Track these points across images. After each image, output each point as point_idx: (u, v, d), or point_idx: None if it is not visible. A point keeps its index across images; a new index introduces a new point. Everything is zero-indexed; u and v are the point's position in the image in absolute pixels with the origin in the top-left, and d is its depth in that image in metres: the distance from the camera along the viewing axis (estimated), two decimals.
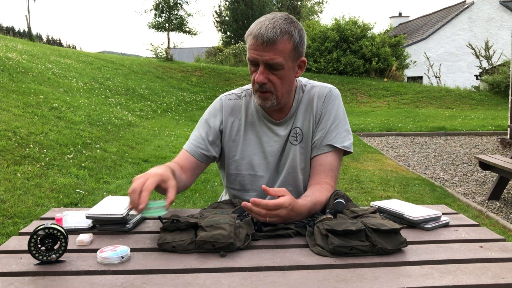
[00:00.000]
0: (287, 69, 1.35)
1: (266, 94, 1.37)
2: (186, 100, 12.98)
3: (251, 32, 1.32)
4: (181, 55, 28.83)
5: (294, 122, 1.48)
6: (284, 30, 1.30)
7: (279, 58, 1.31)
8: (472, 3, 21.08)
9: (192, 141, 1.49)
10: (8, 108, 5.83)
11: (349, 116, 13.00)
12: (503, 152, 7.33)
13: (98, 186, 4.55)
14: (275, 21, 1.31)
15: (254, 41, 1.30)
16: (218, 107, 1.52)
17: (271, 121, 1.47)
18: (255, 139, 1.48)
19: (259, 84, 1.34)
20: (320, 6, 33.22)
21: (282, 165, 1.49)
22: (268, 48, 1.29)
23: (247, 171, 1.49)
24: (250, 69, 1.37)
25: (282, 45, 1.30)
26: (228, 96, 1.53)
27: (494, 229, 3.61)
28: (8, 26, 33.70)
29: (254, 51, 1.31)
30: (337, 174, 1.46)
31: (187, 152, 1.48)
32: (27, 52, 10.75)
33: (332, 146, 1.45)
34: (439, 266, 1.01)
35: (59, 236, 1.00)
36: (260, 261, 1.03)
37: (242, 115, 1.50)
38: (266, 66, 1.32)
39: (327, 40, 17.77)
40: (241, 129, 1.49)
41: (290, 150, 1.47)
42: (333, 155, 1.45)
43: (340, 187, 5.06)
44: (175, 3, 19.30)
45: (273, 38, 1.28)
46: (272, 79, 1.34)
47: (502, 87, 14.42)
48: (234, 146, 1.50)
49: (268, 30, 1.28)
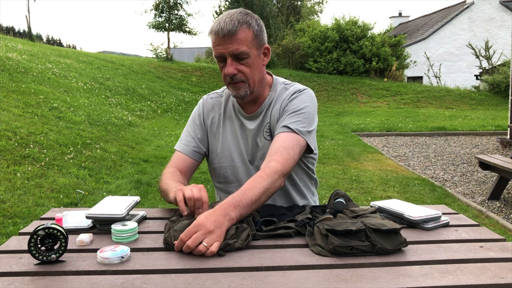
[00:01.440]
0: (253, 57, 1.41)
1: (238, 84, 1.42)
2: (186, 100, 12.98)
3: (211, 30, 1.39)
4: (181, 55, 28.83)
5: (265, 118, 1.52)
6: (241, 20, 1.38)
7: (243, 47, 1.38)
8: (472, 3, 21.07)
9: (183, 141, 1.60)
10: (8, 108, 5.83)
11: (349, 116, 13.02)
12: (503, 152, 7.33)
13: (98, 186, 4.56)
14: (231, 15, 1.39)
15: (216, 37, 1.37)
16: (200, 105, 1.63)
17: (243, 115, 1.54)
18: (232, 131, 1.55)
19: (230, 76, 1.41)
20: (320, 6, 33.20)
21: (255, 158, 1.53)
22: (230, 39, 1.36)
23: (228, 163, 1.55)
24: (219, 65, 1.44)
25: (243, 34, 1.38)
26: (210, 95, 1.65)
27: (494, 229, 3.60)
28: (8, 26, 33.74)
29: (218, 46, 1.38)
30: (291, 153, 1.36)
31: (181, 152, 1.58)
32: (27, 52, 10.75)
33: (286, 127, 1.42)
34: (439, 266, 1.01)
35: (59, 236, 1.00)
36: (260, 261, 1.03)
37: (221, 111, 1.58)
38: (233, 57, 1.39)
39: (327, 40, 17.77)
40: (220, 124, 1.57)
41: (265, 145, 1.50)
42: (286, 135, 1.40)
43: (340, 187, 5.06)
44: (175, 3, 19.31)
45: (232, 29, 1.36)
46: (241, 69, 1.40)
47: (502, 87, 14.41)
48: (215, 141, 1.58)
49: (226, 24, 1.36)
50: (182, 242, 1.06)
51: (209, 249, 1.04)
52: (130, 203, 1.29)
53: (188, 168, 1.57)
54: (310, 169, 1.58)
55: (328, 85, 16.10)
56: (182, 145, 1.60)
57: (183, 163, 1.56)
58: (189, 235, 1.06)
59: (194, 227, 1.08)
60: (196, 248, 1.04)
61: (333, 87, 16.00)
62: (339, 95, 15.39)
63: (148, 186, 4.66)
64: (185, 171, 1.55)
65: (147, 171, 5.24)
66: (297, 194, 1.56)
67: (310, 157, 1.55)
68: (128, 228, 1.14)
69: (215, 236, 1.07)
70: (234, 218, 1.14)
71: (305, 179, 1.58)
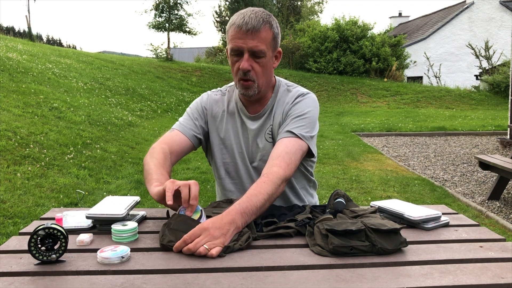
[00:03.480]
0: (268, 57, 1.42)
1: (249, 82, 1.42)
2: (186, 100, 12.98)
3: (234, 22, 1.38)
4: (181, 55, 28.82)
5: (268, 120, 1.52)
6: (265, 19, 1.39)
7: (262, 46, 1.38)
8: (472, 3, 21.07)
9: (184, 123, 1.56)
10: (8, 108, 5.83)
11: (349, 116, 13.02)
12: (503, 152, 7.32)
13: (98, 186, 4.56)
14: (255, 12, 1.39)
15: (238, 30, 1.36)
16: (204, 97, 1.62)
17: (246, 114, 1.54)
18: (234, 129, 1.55)
19: (244, 71, 1.40)
20: (320, 6, 33.19)
21: (254, 158, 1.53)
22: (253, 35, 1.36)
23: (230, 159, 1.55)
24: (232, 59, 1.43)
25: (265, 33, 1.38)
26: (214, 92, 1.65)
27: (494, 229, 3.61)
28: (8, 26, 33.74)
29: (238, 40, 1.37)
30: (293, 158, 1.37)
31: (179, 132, 1.54)
32: (27, 52, 10.75)
33: (290, 132, 1.43)
34: (439, 266, 1.01)
35: (59, 236, 1.00)
36: (260, 261, 1.03)
37: (224, 107, 1.58)
38: (250, 54, 1.38)
39: (327, 40, 17.77)
40: (223, 119, 1.57)
41: (265, 146, 1.50)
42: (289, 140, 1.41)
43: (340, 187, 5.06)
44: (175, 3, 19.30)
45: (257, 26, 1.36)
46: (255, 67, 1.41)
47: (502, 87, 14.41)
48: (218, 135, 1.57)
49: (251, 19, 1.36)
50: (184, 243, 1.06)
51: (209, 251, 1.04)
52: (130, 203, 1.29)
53: (181, 149, 1.52)
54: (308, 172, 1.59)
55: (328, 85, 16.10)
56: (182, 125, 1.56)
57: (178, 143, 1.51)
58: (192, 237, 1.06)
59: (199, 230, 1.07)
60: (197, 250, 1.04)
61: (333, 87, 16.00)
62: (339, 95, 15.40)
63: None
64: (177, 152, 1.51)
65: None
66: (295, 197, 1.56)
67: (310, 161, 1.56)
68: (128, 228, 1.14)
69: (218, 242, 1.06)
70: (240, 227, 1.14)
71: (304, 182, 1.59)
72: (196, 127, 1.56)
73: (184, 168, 5.56)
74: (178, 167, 5.54)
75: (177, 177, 5.00)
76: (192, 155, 6.04)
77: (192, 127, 1.55)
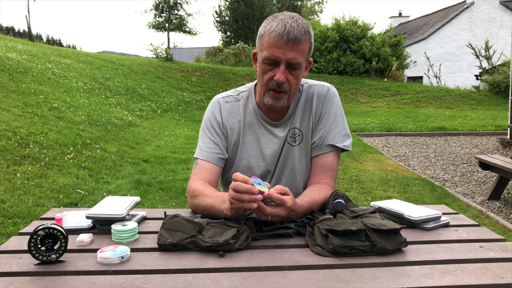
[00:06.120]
0: (302, 69, 1.34)
1: (281, 94, 1.34)
2: (186, 100, 12.98)
3: (272, 29, 1.28)
4: (181, 55, 28.82)
5: (292, 123, 1.46)
6: (306, 30, 1.29)
7: (300, 58, 1.30)
8: (472, 3, 21.07)
9: (206, 149, 1.44)
10: (8, 108, 5.83)
11: (349, 116, 13.01)
12: (503, 152, 7.32)
13: (98, 186, 4.55)
14: (296, 19, 1.29)
15: (278, 39, 1.26)
16: (217, 109, 1.48)
17: (269, 122, 1.45)
18: (254, 141, 1.46)
19: (279, 84, 1.31)
20: (320, 6, 33.23)
21: (281, 167, 1.47)
22: (292, 47, 1.27)
23: (245, 174, 1.48)
24: (265, 68, 1.32)
25: (304, 45, 1.30)
26: (225, 99, 1.50)
27: (494, 229, 3.60)
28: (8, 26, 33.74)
29: (277, 49, 1.27)
30: (336, 173, 1.47)
31: (205, 161, 1.43)
32: (27, 52, 10.75)
33: (332, 146, 1.45)
34: (439, 266, 1.01)
35: (59, 236, 1.00)
36: (260, 261, 1.03)
37: (240, 117, 1.46)
38: (287, 65, 1.29)
39: (327, 40, 17.76)
40: (240, 132, 1.46)
41: (289, 151, 1.46)
42: (333, 155, 1.46)
43: (340, 187, 5.06)
44: (175, 3, 19.30)
45: (299, 37, 1.27)
46: (289, 78, 1.32)
47: (502, 87, 14.41)
48: (234, 150, 1.47)
49: (294, 29, 1.26)
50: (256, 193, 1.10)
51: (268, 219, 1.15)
52: (130, 203, 1.29)
53: (215, 178, 1.41)
54: None
55: None
56: (204, 153, 1.43)
57: (210, 174, 1.40)
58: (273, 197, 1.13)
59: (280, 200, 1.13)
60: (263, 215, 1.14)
61: None
62: (339, 95, 15.27)
63: (148, 186, 4.66)
64: (213, 182, 1.40)
65: (147, 171, 5.24)
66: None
67: None
68: (128, 228, 1.14)
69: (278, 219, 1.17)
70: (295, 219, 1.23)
71: None
72: (218, 148, 1.44)
73: (184, 168, 5.55)
74: (178, 167, 5.54)
75: (177, 177, 5.01)
76: (192, 155, 6.04)
77: (215, 150, 1.44)
